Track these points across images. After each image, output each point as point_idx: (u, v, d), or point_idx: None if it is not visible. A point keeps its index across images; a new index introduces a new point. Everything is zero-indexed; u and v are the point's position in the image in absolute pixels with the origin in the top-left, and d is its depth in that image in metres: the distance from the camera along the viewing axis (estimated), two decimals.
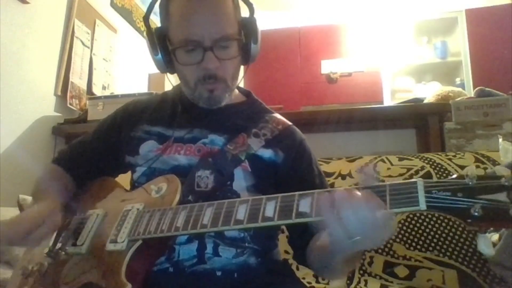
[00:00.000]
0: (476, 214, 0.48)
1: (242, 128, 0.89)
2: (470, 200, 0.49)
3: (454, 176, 0.52)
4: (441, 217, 1.23)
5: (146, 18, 0.90)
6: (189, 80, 0.88)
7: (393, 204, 0.53)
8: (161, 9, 0.90)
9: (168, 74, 0.95)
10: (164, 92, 1.07)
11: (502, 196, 0.47)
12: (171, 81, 1.04)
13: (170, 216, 0.70)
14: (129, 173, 0.96)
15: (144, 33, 0.91)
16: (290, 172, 0.88)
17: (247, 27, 0.89)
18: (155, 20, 0.95)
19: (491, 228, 0.95)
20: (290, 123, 0.96)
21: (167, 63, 0.89)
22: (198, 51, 0.83)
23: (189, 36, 0.82)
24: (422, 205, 0.51)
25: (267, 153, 0.88)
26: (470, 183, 0.49)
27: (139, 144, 0.91)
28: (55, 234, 0.85)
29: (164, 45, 0.88)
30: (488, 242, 0.49)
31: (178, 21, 0.84)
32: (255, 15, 0.90)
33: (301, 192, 0.61)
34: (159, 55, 0.88)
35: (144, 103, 1.02)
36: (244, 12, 0.92)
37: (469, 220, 0.49)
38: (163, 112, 0.96)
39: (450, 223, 1.22)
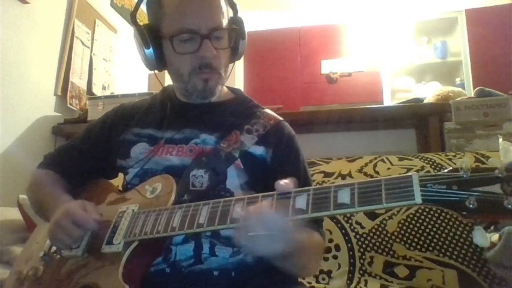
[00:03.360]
0: (471, 206, 0.48)
1: (234, 126, 0.90)
2: (465, 192, 0.49)
3: (449, 169, 0.52)
4: (441, 217, 1.23)
5: (133, 15, 0.90)
6: (183, 72, 0.88)
7: (389, 198, 0.53)
8: (151, 4, 0.90)
9: (158, 73, 0.95)
10: (153, 95, 1.07)
11: (496, 188, 0.47)
12: (160, 81, 1.03)
13: (166, 216, 0.70)
14: (121, 175, 0.96)
15: (133, 31, 0.91)
16: (277, 168, 0.88)
17: (236, 24, 0.92)
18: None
19: (491, 228, 0.95)
20: (281, 118, 0.97)
21: (158, 57, 0.89)
22: (195, 40, 0.84)
23: (186, 25, 0.83)
24: (418, 199, 0.51)
25: (259, 150, 0.88)
26: (465, 175, 0.50)
27: (129, 147, 0.91)
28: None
29: (155, 39, 0.88)
30: (483, 233, 0.49)
31: (174, 12, 0.85)
32: (242, 16, 0.93)
33: (296, 189, 0.62)
34: (150, 49, 0.88)
35: (132, 106, 1.02)
36: None
37: (464, 213, 0.49)
38: (153, 114, 0.96)
39: (450, 223, 1.22)
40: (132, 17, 0.90)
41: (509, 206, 0.46)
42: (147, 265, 0.76)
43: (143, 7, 0.93)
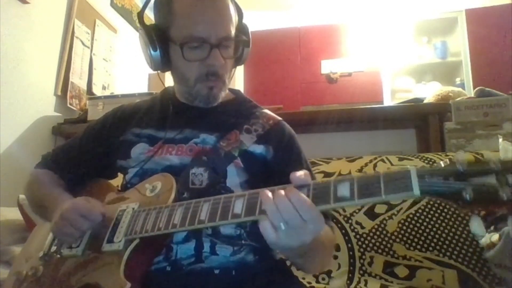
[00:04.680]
0: (467, 197, 0.50)
1: (233, 125, 0.90)
2: (461, 184, 0.50)
3: (446, 163, 0.53)
4: (441, 217, 1.23)
5: (141, 15, 0.90)
6: (189, 78, 0.88)
7: (388, 191, 0.54)
8: (161, 6, 0.90)
9: (160, 73, 0.95)
10: (153, 95, 1.07)
11: (491, 179, 0.49)
12: (163, 82, 1.03)
13: (167, 214, 0.70)
14: (120, 176, 0.96)
15: (139, 30, 0.91)
16: (279, 167, 0.88)
17: (242, 32, 0.93)
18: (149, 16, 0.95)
19: (491, 228, 0.95)
20: (280, 118, 0.98)
21: (164, 60, 0.89)
22: (204, 48, 0.85)
23: (197, 33, 0.84)
24: (416, 191, 0.52)
25: (258, 149, 0.89)
26: (461, 168, 0.51)
27: (130, 147, 0.92)
28: (50, 238, 0.85)
29: (162, 42, 0.88)
30: (480, 223, 0.51)
31: (185, 18, 0.85)
32: (249, 17, 0.96)
33: (296, 184, 0.61)
34: (158, 51, 0.88)
35: (133, 107, 1.02)
36: None
37: (461, 203, 0.51)
38: (153, 114, 0.97)
39: (450, 223, 1.22)
40: (139, 17, 0.91)
41: (504, 196, 0.48)
42: (148, 263, 0.76)
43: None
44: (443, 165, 0.53)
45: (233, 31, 0.88)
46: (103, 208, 0.79)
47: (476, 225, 0.51)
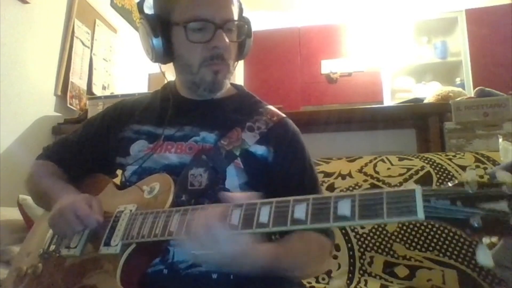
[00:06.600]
0: (475, 224, 0.46)
1: (235, 123, 0.88)
2: (469, 209, 0.46)
3: (455, 183, 0.49)
4: None
5: (141, 4, 0.89)
6: (192, 63, 0.86)
7: (390, 213, 0.50)
8: None
9: (162, 70, 0.94)
10: (154, 91, 1.05)
11: (503, 205, 0.44)
12: (164, 75, 1.03)
13: (164, 220, 0.69)
14: (119, 172, 0.96)
15: (137, 22, 0.90)
16: (281, 167, 0.86)
17: (244, 22, 0.93)
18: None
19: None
20: (284, 115, 0.96)
21: (166, 47, 0.87)
22: (208, 30, 0.84)
23: (201, 14, 0.83)
24: (421, 215, 0.48)
25: (260, 150, 0.86)
26: (470, 191, 0.47)
27: (129, 144, 0.90)
28: (49, 235, 0.85)
29: (164, 28, 0.86)
30: (487, 253, 0.46)
31: (188, 1, 0.85)
32: (249, 17, 0.94)
33: (296, 197, 0.60)
34: (159, 38, 0.86)
35: (133, 102, 1.01)
36: None
37: (468, 231, 0.47)
38: (153, 110, 0.95)
39: None
40: (139, 6, 0.89)
41: None
42: (145, 267, 0.75)
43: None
44: (450, 185, 0.49)
45: (236, 16, 0.88)
46: (101, 216, 0.77)
47: (483, 256, 0.47)
